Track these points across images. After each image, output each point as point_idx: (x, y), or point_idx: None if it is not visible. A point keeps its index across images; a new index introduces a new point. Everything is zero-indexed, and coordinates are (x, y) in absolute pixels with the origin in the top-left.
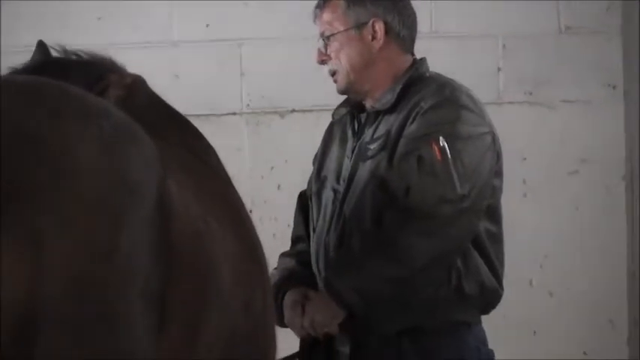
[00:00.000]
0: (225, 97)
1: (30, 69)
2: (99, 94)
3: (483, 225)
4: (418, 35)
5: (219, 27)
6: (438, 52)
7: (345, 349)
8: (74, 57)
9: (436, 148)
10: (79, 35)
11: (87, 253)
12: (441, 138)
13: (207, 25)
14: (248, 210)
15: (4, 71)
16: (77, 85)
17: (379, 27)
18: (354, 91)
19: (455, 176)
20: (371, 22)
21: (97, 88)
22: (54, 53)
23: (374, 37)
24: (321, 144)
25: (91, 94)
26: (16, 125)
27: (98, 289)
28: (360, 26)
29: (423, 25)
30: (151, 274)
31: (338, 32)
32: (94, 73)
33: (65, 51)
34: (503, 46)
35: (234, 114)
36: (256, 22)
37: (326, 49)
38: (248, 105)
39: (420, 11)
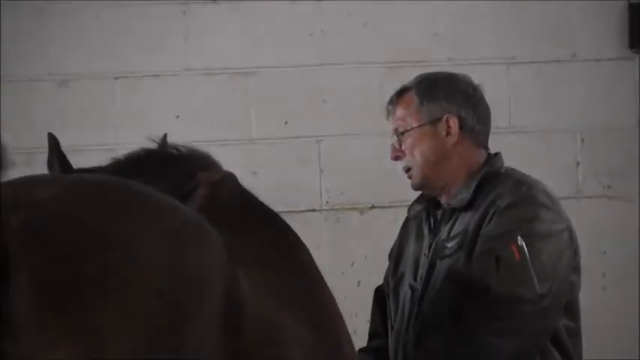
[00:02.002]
0: (305, 194)
1: (130, 160)
2: (189, 192)
3: (562, 321)
4: (497, 130)
5: (297, 124)
6: (516, 146)
7: None
8: (174, 151)
9: (515, 248)
10: (158, 131)
11: (150, 351)
12: (519, 238)
13: (286, 123)
14: None
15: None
16: (171, 180)
17: (453, 122)
18: (428, 187)
19: (534, 276)
20: (445, 117)
21: (187, 186)
22: (155, 145)
23: (448, 133)
24: (397, 240)
25: (158, 192)
26: (79, 222)
27: None
28: (434, 122)
29: (501, 120)
30: None
31: (412, 128)
32: (188, 169)
33: (166, 143)
34: (582, 140)
35: (314, 210)
36: (334, 118)
37: (400, 145)
38: (327, 202)
39: (498, 106)
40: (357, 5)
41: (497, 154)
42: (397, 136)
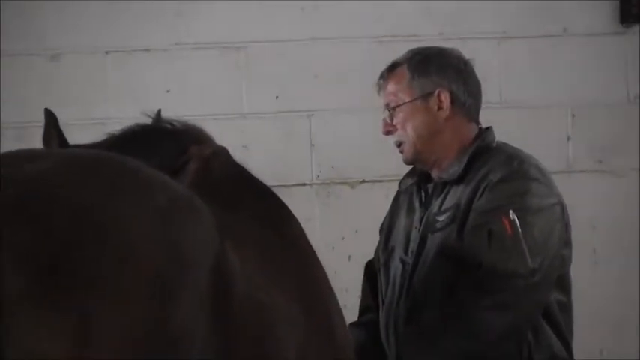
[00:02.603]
0: (295, 168)
1: (126, 135)
2: (180, 167)
3: (553, 295)
4: (488, 105)
5: (288, 98)
6: (507, 121)
7: None
8: (168, 126)
9: (506, 223)
10: (151, 106)
11: (136, 326)
12: (511, 212)
13: (277, 97)
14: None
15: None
16: (164, 155)
17: (445, 97)
18: (420, 161)
19: (526, 250)
20: (437, 92)
21: (179, 161)
22: (149, 120)
23: (440, 107)
24: (388, 214)
25: (148, 167)
26: (69, 198)
27: None
28: (425, 96)
29: (492, 95)
30: (206, 345)
31: (404, 103)
32: (181, 144)
33: (160, 119)
34: (573, 115)
35: (304, 185)
36: (326, 94)
37: (392, 120)
38: (318, 176)
39: (489, 81)
40: None
41: (488, 129)
42: (389, 110)
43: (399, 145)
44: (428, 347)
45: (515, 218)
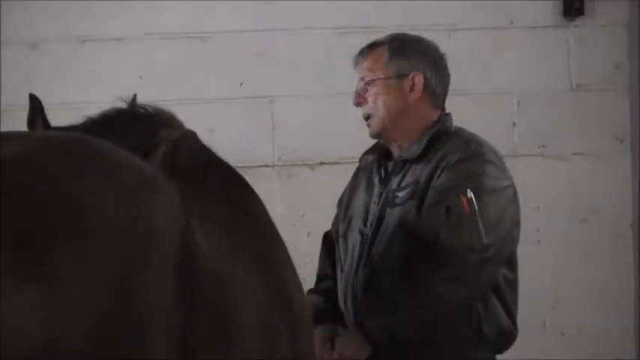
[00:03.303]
0: (259, 151)
1: (103, 118)
2: (151, 148)
3: (502, 272)
4: None
5: (251, 85)
6: (457, 108)
7: None
8: (142, 110)
9: (464, 200)
10: (124, 91)
11: (104, 297)
12: (468, 190)
13: (241, 84)
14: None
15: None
16: (137, 138)
17: (419, 80)
18: (385, 136)
19: (481, 227)
20: (412, 75)
21: (150, 143)
22: (125, 105)
23: (412, 89)
24: (347, 187)
25: (119, 149)
26: (43, 178)
27: (116, 332)
28: (400, 76)
29: None
30: (172, 316)
31: (378, 79)
32: (152, 128)
33: (135, 104)
34: (518, 102)
35: (267, 166)
36: (286, 81)
37: (364, 93)
38: (280, 158)
39: None
40: None
41: (447, 114)
42: (363, 84)
43: (367, 117)
44: (384, 312)
45: (473, 197)
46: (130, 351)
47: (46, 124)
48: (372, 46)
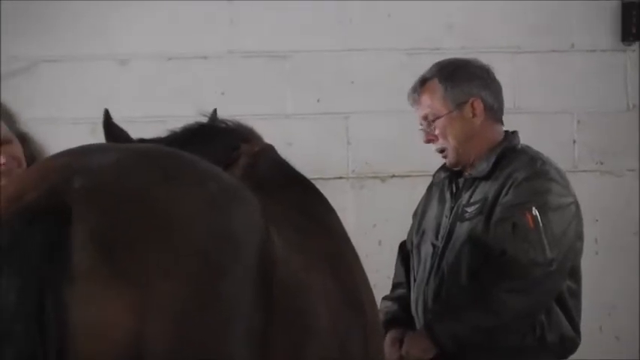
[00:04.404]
0: (333, 163)
1: (186, 132)
2: (233, 161)
3: (566, 283)
4: (504, 111)
5: (328, 101)
6: (520, 125)
7: None
8: (223, 125)
9: (529, 217)
10: (206, 106)
11: (190, 298)
12: (533, 208)
13: (318, 100)
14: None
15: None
16: (219, 151)
17: (478, 105)
18: (462, 163)
19: (545, 242)
20: (470, 100)
21: (231, 156)
22: (206, 119)
23: (474, 115)
24: (421, 201)
25: (203, 161)
26: (133, 186)
27: (200, 331)
28: (460, 106)
29: (507, 102)
30: (253, 319)
31: (442, 116)
32: (233, 141)
33: (216, 118)
34: (578, 121)
35: (341, 178)
36: (360, 98)
37: (431, 130)
38: (353, 170)
39: (504, 90)
40: None
41: (514, 133)
42: (427, 122)
43: (442, 151)
44: (452, 319)
45: (538, 214)
46: (211, 351)
47: (125, 136)
48: (424, 82)
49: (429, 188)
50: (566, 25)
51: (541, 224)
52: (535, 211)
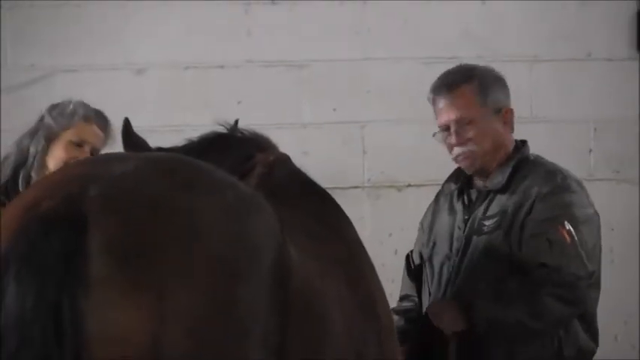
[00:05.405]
0: (349, 173)
1: (204, 141)
2: (248, 170)
3: None
4: (520, 119)
5: (344, 110)
6: (536, 134)
7: None
8: (239, 134)
9: (564, 232)
10: (223, 116)
11: (207, 305)
12: (566, 222)
13: (334, 109)
14: None
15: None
16: (235, 160)
17: (510, 113)
18: (484, 171)
19: (583, 256)
20: (504, 109)
21: (247, 165)
22: (223, 128)
23: (505, 122)
24: (428, 211)
25: (219, 170)
26: (149, 193)
27: (217, 337)
28: (496, 112)
29: (524, 110)
30: (269, 325)
31: (478, 119)
32: (249, 151)
33: (234, 128)
34: (594, 130)
35: (357, 187)
36: (376, 107)
37: (462, 133)
38: (369, 180)
39: (521, 99)
40: (397, 5)
41: (525, 142)
42: (460, 125)
43: (466, 155)
44: (497, 304)
45: (571, 228)
46: (228, 356)
47: (143, 144)
48: (455, 85)
49: (436, 198)
50: (583, 34)
51: (576, 238)
52: (568, 225)
